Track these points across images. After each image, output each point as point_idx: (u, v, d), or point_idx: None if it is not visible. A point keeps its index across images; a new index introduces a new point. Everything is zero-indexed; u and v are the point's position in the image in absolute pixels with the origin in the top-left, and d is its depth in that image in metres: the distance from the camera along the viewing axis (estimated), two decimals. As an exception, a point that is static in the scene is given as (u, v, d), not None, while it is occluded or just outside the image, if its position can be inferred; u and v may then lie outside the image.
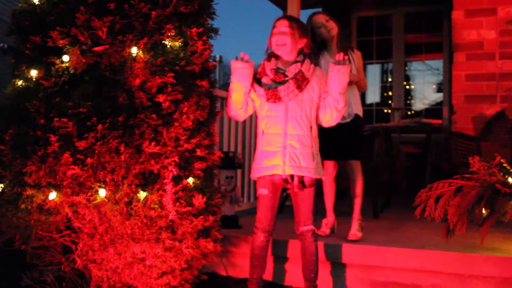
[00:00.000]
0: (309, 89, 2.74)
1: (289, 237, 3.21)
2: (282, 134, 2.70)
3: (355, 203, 3.44)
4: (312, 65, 2.77)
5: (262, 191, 2.79)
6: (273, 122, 2.73)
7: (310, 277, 2.80)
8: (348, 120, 3.35)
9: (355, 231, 3.29)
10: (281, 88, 2.70)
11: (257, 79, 2.78)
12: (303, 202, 2.78)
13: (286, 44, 2.74)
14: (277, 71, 2.75)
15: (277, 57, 2.81)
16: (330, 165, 3.49)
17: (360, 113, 3.45)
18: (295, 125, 2.71)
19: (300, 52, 2.79)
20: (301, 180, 2.71)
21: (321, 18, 3.37)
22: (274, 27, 2.79)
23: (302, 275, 2.83)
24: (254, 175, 2.81)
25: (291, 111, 2.71)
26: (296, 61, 2.76)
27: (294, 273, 3.20)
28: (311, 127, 2.74)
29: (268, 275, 3.19)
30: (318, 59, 2.85)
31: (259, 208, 2.82)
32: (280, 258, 3.28)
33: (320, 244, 3.07)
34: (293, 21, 2.79)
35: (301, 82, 2.71)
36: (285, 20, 2.78)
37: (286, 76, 2.73)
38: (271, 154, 2.72)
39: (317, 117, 2.79)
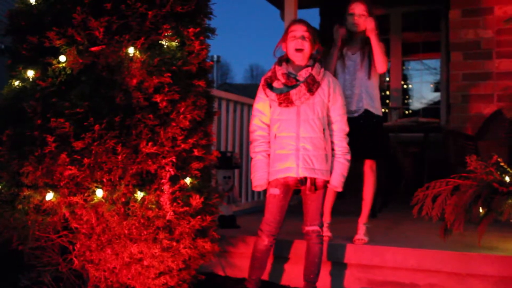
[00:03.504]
0: (320, 92, 2.73)
1: (290, 238, 3.20)
2: (295, 136, 2.69)
3: (363, 206, 3.32)
4: (322, 69, 2.77)
5: (274, 191, 2.76)
6: (285, 126, 2.72)
7: (310, 278, 2.80)
8: (355, 115, 3.18)
9: (362, 235, 3.22)
10: (293, 92, 2.69)
11: (268, 84, 2.78)
12: (312, 202, 2.78)
13: (304, 50, 2.74)
14: (288, 75, 2.74)
15: (288, 61, 2.81)
16: None
17: (375, 110, 3.23)
18: (307, 128, 2.70)
19: (311, 56, 2.79)
20: (313, 183, 2.71)
21: (357, 10, 3.24)
22: (290, 31, 2.78)
23: (303, 274, 2.82)
24: (268, 178, 2.78)
25: (303, 115, 2.70)
26: (307, 66, 2.75)
27: (292, 273, 3.19)
28: (323, 129, 2.73)
29: (264, 275, 3.18)
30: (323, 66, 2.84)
31: (268, 209, 2.78)
32: (279, 258, 3.27)
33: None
34: (310, 26, 2.79)
35: (312, 85, 2.71)
36: (302, 25, 2.77)
37: (297, 80, 2.72)
38: (284, 157, 2.70)
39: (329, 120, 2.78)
